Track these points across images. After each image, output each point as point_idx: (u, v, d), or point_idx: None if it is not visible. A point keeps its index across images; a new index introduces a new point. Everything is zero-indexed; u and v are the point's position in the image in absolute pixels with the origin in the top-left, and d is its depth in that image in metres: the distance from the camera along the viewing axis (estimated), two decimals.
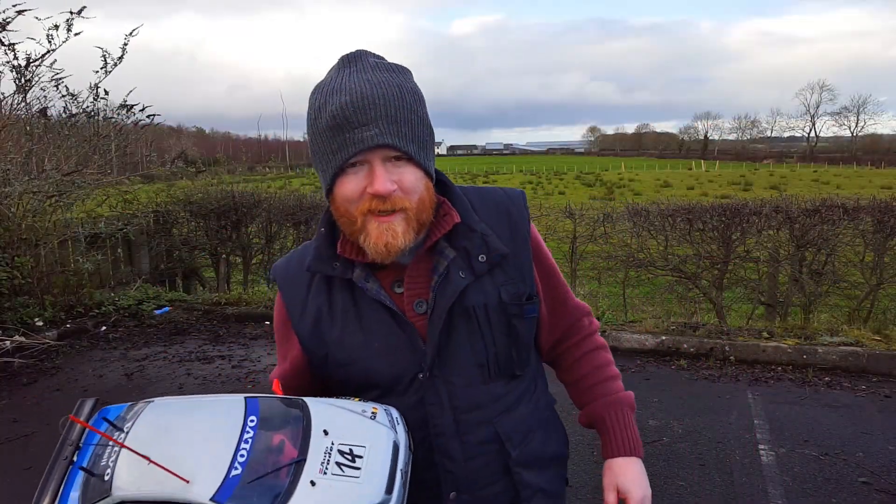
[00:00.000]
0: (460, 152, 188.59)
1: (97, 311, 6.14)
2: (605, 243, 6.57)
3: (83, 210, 6.64)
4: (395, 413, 0.93)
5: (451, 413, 1.03)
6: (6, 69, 5.44)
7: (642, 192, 26.79)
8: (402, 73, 0.97)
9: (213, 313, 6.20)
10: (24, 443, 3.61)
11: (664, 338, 4.86)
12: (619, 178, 41.22)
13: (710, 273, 5.89)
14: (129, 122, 6.26)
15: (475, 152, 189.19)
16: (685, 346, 4.79)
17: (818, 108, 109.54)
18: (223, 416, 0.83)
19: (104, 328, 5.79)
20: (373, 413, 0.90)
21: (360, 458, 0.82)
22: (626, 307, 6.23)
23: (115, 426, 0.83)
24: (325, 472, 0.80)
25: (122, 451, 0.79)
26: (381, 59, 0.99)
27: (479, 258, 1.02)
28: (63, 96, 5.80)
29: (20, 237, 5.64)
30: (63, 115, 5.92)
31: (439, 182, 1.06)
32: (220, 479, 0.76)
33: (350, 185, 0.94)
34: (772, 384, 4.28)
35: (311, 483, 0.78)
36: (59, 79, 5.69)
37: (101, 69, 5.84)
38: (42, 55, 5.49)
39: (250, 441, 0.81)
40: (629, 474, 1.09)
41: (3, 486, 3.14)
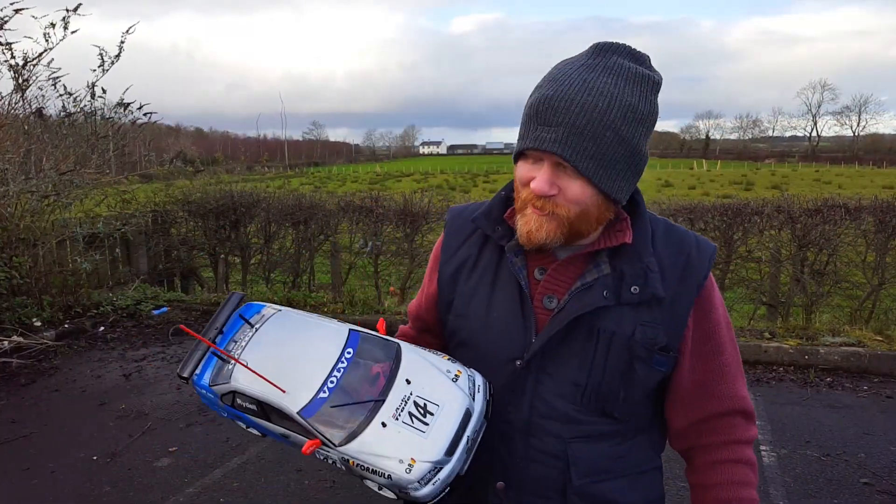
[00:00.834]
0: (460, 151, 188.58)
1: (95, 311, 6.13)
2: None
3: (81, 210, 6.62)
4: (480, 380, 0.96)
5: (527, 410, 1.01)
6: (3, 68, 5.43)
7: (644, 191, 26.14)
8: (636, 84, 0.92)
9: (212, 314, 6.17)
10: (22, 443, 3.59)
11: None
12: None
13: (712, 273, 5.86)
14: (127, 121, 6.24)
15: (475, 151, 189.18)
16: None
17: (820, 107, 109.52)
18: (327, 342, 0.94)
19: (102, 328, 5.77)
20: (456, 375, 0.94)
21: (432, 415, 0.88)
22: None
23: (249, 323, 0.98)
24: (397, 418, 0.87)
25: (248, 350, 0.92)
26: (638, 58, 0.95)
27: (633, 289, 0.98)
28: (61, 95, 5.78)
29: (18, 237, 5.62)
30: (61, 114, 5.91)
31: (632, 201, 1.03)
32: (310, 397, 0.87)
33: (522, 171, 0.97)
34: (773, 385, 4.26)
35: (383, 424, 0.86)
36: (57, 78, 5.67)
37: (99, 68, 5.82)
38: (39, 54, 5.47)
39: (342, 370, 0.90)
40: None
41: (3, 487, 3.12)
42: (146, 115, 6.26)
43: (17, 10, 5.17)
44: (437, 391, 0.91)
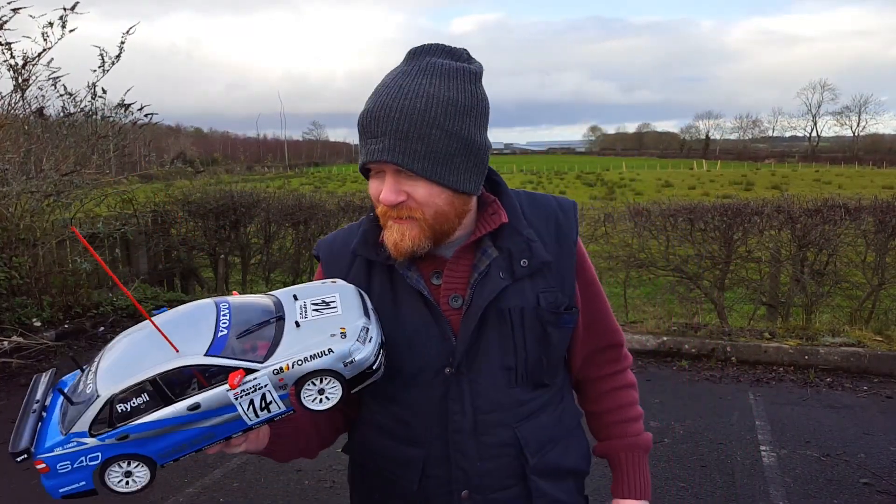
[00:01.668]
0: None
1: (95, 311, 6.13)
2: (606, 243, 6.54)
3: (81, 210, 6.61)
4: (344, 281, 1.01)
5: (471, 412, 1.02)
6: (3, 68, 5.43)
7: (643, 191, 26.78)
8: (451, 78, 0.94)
9: None
10: None
11: (665, 338, 4.84)
12: (620, 177, 41.21)
13: (712, 273, 5.87)
14: (128, 121, 6.24)
15: None
16: (686, 346, 4.77)
17: (819, 107, 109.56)
18: (197, 311, 0.89)
19: (102, 329, 5.77)
20: (333, 281, 1.00)
21: (333, 302, 0.91)
22: (627, 307, 6.21)
23: (81, 370, 0.91)
24: (305, 317, 0.88)
25: (98, 372, 0.83)
26: (450, 57, 0.97)
27: (522, 262, 1.01)
28: (61, 95, 5.78)
29: (18, 237, 5.63)
30: (61, 114, 5.91)
31: (493, 182, 1.08)
32: (210, 341, 0.82)
33: (372, 187, 0.99)
34: (773, 385, 4.26)
35: (296, 324, 0.86)
36: (57, 78, 5.67)
37: (99, 68, 5.82)
38: (38, 54, 5.47)
39: (228, 314, 0.87)
40: None
41: (3, 487, 3.12)
42: (147, 116, 6.27)
43: (15, 10, 5.17)
44: (325, 292, 0.95)
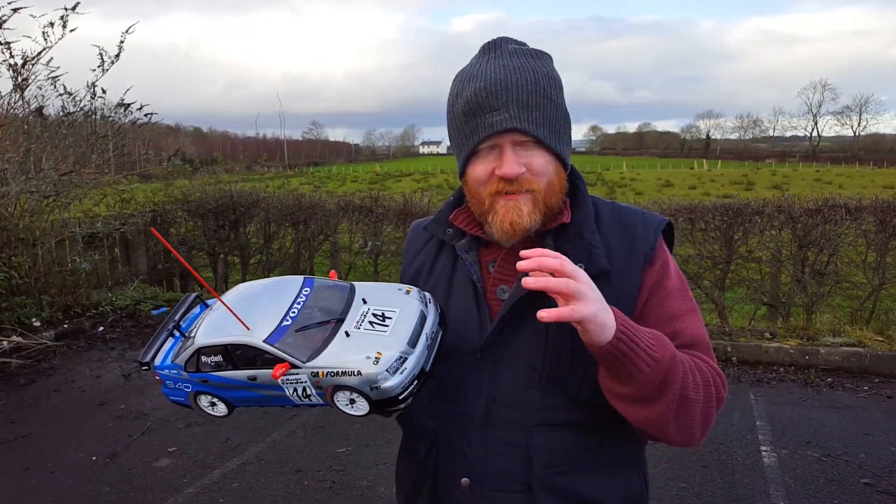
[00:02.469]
0: None
1: (94, 311, 6.12)
2: None
3: (80, 209, 6.61)
4: (430, 296, 1.01)
5: (485, 401, 1.02)
6: (2, 68, 5.42)
7: (644, 191, 26.76)
8: (540, 57, 0.99)
9: None
10: (22, 443, 3.59)
11: None
12: (620, 177, 41.20)
13: (713, 273, 5.86)
14: (127, 121, 6.23)
15: None
16: None
17: (820, 107, 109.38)
18: (284, 288, 0.99)
19: (101, 328, 5.77)
20: (407, 291, 1.01)
21: (390, 319, 0.94)
22: None
23: (207, 305, 1.06)
24: (358, 328, 0.93)
25: (203, 321, 0.99)
26: (522, 45, 1.01)
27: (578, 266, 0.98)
28: (60, 95, 5.78)
29: (17, 237, 5.62)
30: (60, 113, 5.90)
31: (572, 185, 1.06)
32: (274, 327, 0.92)
33: (480, 168, 0.98)
34: (774, 385, 4.25)
35: (346, 334, 0.92)
36: (56, 77, 5.66)
37: (98, 67, 5.82)
38: (38, 53, 5.47)
39: (302, 303, 0.96)
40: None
41: (2, 487, 3.12)
42: (146, 115, 6.26)
43: (15, 10, 5.17)
44: (392, 302, 0.97)
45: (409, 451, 1.15)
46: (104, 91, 5.94)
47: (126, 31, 6.01)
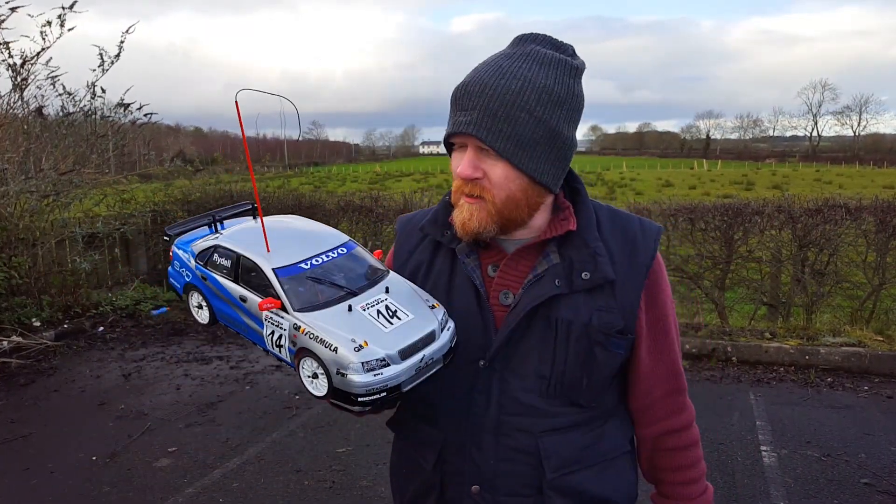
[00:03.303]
0: None
1: (94, 311, 6.12)
2: None
3: (80, 209, 6.61)
4: (452, 324, 0.96)
5: (496, 409, 1.01)
6: (2, 67, 5.42)
7: (644, 191, 26.75)
8: (552, 68, 0.94)
9: None
10: (22, 443, 3.59)
11: None
12: (620, 177, 41.20)
13: (713, 273, 5.86)
14: (127, 120, 6.23)
15: None
16: (687, 346, 4.76)
17: (820, 107, 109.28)
18: (326, 235, 0.97)
19: (101, 328, 5.77)
20: (433, 306, 0.95)
21: (399, 319, 0.89)
22: None
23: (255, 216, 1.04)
24: (364, 310, 0.88)
25: (235, 232, 0.97)
26: (555, 48, 0.97)
27: (583, 275, 0.98)
28: (60, 95, 5.78)
29: (17, 237, 5.62)
30: (60, 113, 5.90)
31: (573, 190, 1.06)
32: (288, 263, 0.88)
33: (454, 163, 1.00)
34: (774, 385, 4.25)
35: (349, 308, 0.87)
36: (55, 76, 5.66)
37: (98, 67, 5.81)
38: (37, 53, 5.47)
39: (329, 258, 0.92)
40: None
41: (2, 487, 3.12)
42: (146, 115, 6.26)
43: (13, 9, 5.16)
44: (412, 307, 0.92)
45: (411, 461, 1.12)
46: (104, 91, 5.94)
47: (126, 30, 6.01)
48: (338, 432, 3.64)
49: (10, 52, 5.36)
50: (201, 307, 0.99)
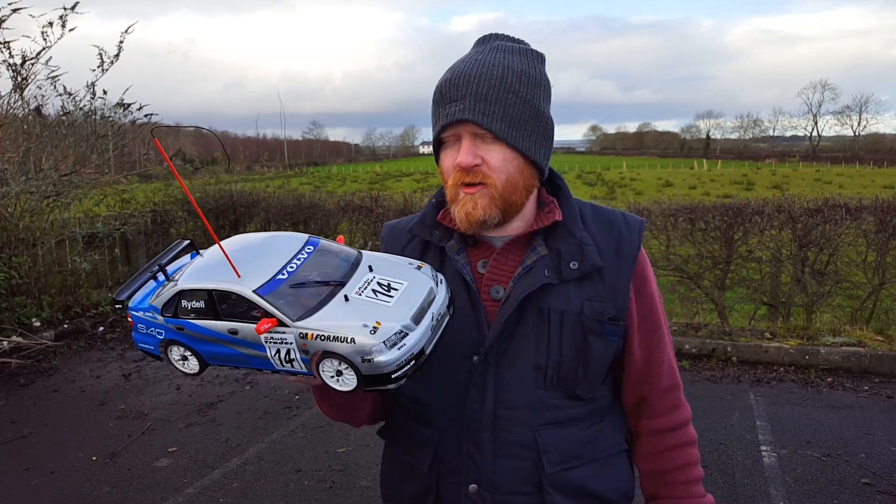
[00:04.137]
0: None
1: (94, 311, 6.13)
2: None
3: (80, 210, 6.61)
4: (441, 276, 0.95)
5: (492, 403, 1.00)
6: (2, 68, 5.42)
7: (644, 191, 26.75)
8: (525, 56, 0.99)
9: None
10: (21, 443, 3.59)
11: None
12: (620, 177, 41.20)
13: (713, 273, 5.85)
14: (126, 120, 6.23)
15: None
16: (687, 346, 4.76)
17: (820, 107, 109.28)
18: (286, 242, 0.93)
19: (101, 329, 5.77)
20: (419, 266, 0.94)
21: (396, 290, 0.87)
22: None
23: (200, 255, 0.98)
24: (360, 294, 0.86)
25: (190, 266, 0.93)
26: (517, 42, 1.03)
27: (571, 264, 1.00)
28: (60, 95, 5.78)
29: (17, 237, 5.62)
30: (60, 113, 5.90)
31: (555, 186, 1.09)
32: (267, 278, 0.84)
33: (447, 159, 1.00)
34: (774, 385, 4.25)
35: (345, 298, 0.85)
36: (56, 77, 5.66)
37: (98, 67, 5.82)
38: (38, 53, 5.47)
39: (302, 260, 0.89)
40: None
41: (2, 487, 3.12)
42: (146, 115, 6.26)
43: (14, 10, 5.17)
44: (401, 274, 0.91)
45: (405, 466, 1.11)
46: (105, 92, 5.94)
47: (125, 30, 6.01)
48: (338, 432, 3.64)
49: (10, 52, 5.37)
50: (186, 358, 0.93)
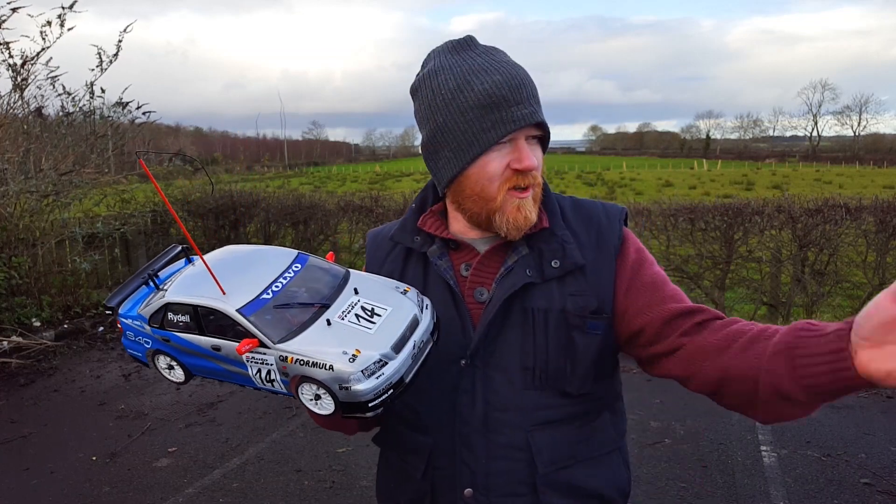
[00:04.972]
0: None
1: (94, 311, 6.13)
2: None
3: (80, 210, 6.61)
4: (428, 301, 0.95)
5: (482, 406, 1.00)
6: (2, 68, 5.42)
7: (644, 191, 26.75)
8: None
9: None
10: (21, 443, 3.59)
11: None
12: (620, 177, 41.21)
13: (713, 273, 5.86)
14: (126, 120, 6.23)
15: None
16: None
17: (820, 107, 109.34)
18: (274, 258, 0.93)
19: (101, 328, 5.77)
20: (405, 290, 0.94)
21: (379, 316, 0.87)
22: None
23: (191, 263, 0.99)
24: (342, 318, 0.86)
25: (181, 276, 0.93)
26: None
27: (553, 263, 1.00)
28: (59, 95, 5.78)
29: (17, 237, 5.62)
30: (60, 113, 5.90)
31: None
32: (251, 298, 0.84)
33: (495, 163, 0.96)
34: None
35: (328, 322, 0.85)
36: (55, 77, 5.67)
37: (97, 67, 5.82)
38: (37, 53, 5.47)
39: (288, 279, 0.89)
40: None
41: (2, 487, 3.12)
42: (145, 115, 6.26)
43: (13, 9, 5.17)
44: (386, 299, 0.90)
45: (399, 472, 1.11)
46: (103, 91, 5.94)
47: (124, 30, 6.01)
48: (338, 432, 3.64)
49: (10, 53, 5.37)
50: (172, 367, 0.94)
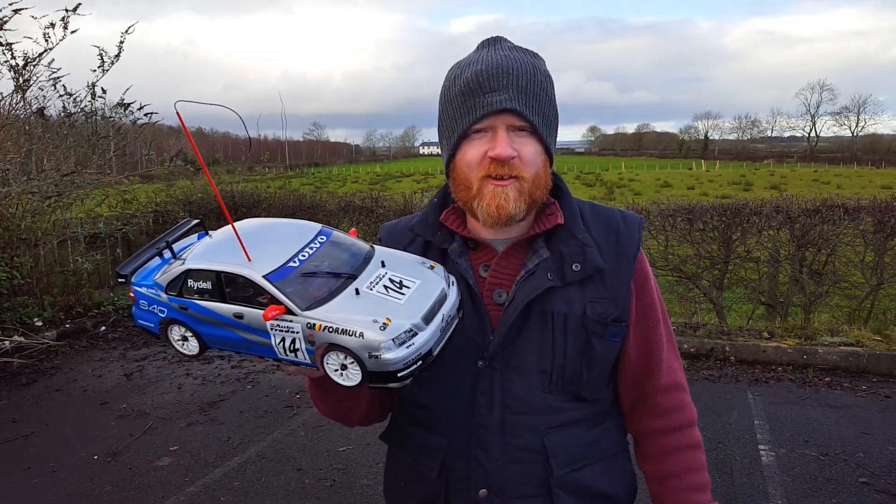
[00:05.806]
0: None
1: (96, 311, 6.14)
2: None
3: (82, 210, 6.63)
4: (454, 279, 0.94)
5: (500, 408, 1.00)
6: (4, 69, 5.44)
7: (642, 191, 26.76)
8: (536, 56, 1.01)
9: None
10: (23, 442, 3.60)
11: None
12: (619, 177, 41.21)
13: (711, 273, 5.87)
14: (128, 120, 6.25)
15: None
16: (685, 346, 4.78)
17: (818, 107, 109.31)
18: (299, 229, 0.92)
19: (103, 328, 5.79)
20: (431, 266, 0.93)
21: (408, 288, 0.86)
22: None
23: (209, 235, 0.95)
24: (371, 289, 0.85)
25: (198, 245, 0.91)
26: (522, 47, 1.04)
27: (573, 266, 1.00)
28: (61, 96, 5.79)
29: (19, 237, 5.64)
30: (61, 114, 5.92)
31: (554, 186, 1.07)
32: (277, 266, 0.83)
33: (473, 150, 0.97)
34: (772, 384, 4.27)
35: (356, 291, 0.84)
36: (57, 78, 5.68)
37: (99, 68, 5.83)
38: (39, 54, 5.49)
39: (314, 249, 0.88)
40: None
41: (4, 486, 3.13)
42: (147, 115, 6.28)
43: (16, 11, 5.18)
44: (413, 273, 0.90)
45: (411, 471, 1.10)
46: (104, 91, 5.96)
47: (125, 31, 6.03)
48: (338, 431, 3.66)
49: (13, 54, 5.38)
50: (186, 339, 0.92)
